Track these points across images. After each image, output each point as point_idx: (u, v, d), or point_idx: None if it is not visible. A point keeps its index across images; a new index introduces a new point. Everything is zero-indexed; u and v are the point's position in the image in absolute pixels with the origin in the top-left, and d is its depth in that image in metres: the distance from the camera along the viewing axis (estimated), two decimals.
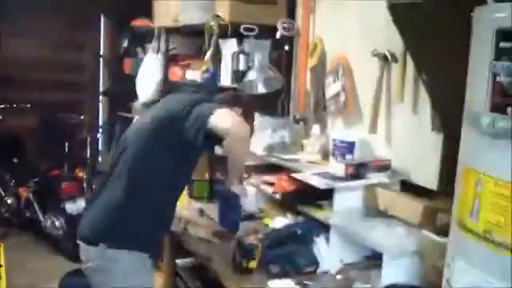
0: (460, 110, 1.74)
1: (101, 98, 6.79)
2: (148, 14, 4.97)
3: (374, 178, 2.62)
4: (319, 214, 2.71)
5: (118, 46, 6.22)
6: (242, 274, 2.39)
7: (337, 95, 3.08)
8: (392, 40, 2.67)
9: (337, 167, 2.64)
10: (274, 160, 3.07)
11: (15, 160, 5.80)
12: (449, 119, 2.43)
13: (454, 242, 1.77)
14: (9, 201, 5.55)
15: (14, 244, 4.90)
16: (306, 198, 2.81)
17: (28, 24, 6.22)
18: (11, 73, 6.14)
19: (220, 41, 3.61)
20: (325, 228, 2.62)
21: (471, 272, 1.65)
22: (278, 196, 2.97)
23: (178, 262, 2.76)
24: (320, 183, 2.55)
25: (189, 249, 2.81)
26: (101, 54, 6.76)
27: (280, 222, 2.85)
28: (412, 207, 2.39)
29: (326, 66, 3.27)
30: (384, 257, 2.23)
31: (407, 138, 2.71)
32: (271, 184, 3.05)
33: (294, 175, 2.75)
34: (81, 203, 5.02)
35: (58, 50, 6.56)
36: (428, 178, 2.55)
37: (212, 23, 3.56)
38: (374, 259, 2.41)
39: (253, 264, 2.34)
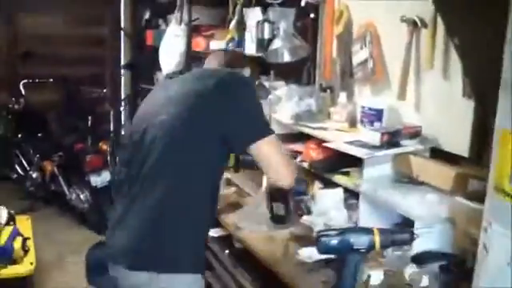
0: (493, 74, 1.70)
1: (123, 71, 6.79)
2: None
3: (406, 145, 2.58)
4: (348, 182, 2.68)
5: (140, 18, 6.21)
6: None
7: (364, 62, 3.03)
8: (421, 4, 2.61)
9: (371, 135, 2.58)
10: (301, 128, 3.04)
11: (39, 134, 5.85)
12: (481, 84, 2.38)
13: (491, 206, 1.73)
14: (34, 175, 5.61)
15: (40, 217, 4.94)
16: (334, 166, 2.78)
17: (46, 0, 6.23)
18: (33, 48, 6.16)
19: (244, 9, 3.57)
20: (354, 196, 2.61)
21: (508, 236, 1.62)
22: (305, 165, 2.94)
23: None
24: (360, 153, 2.51)
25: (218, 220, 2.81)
26: (122, 26, 6.74)
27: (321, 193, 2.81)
28: (444, 174, 2.36)
29: (352, 33, 3.21)
30: (415, 224, 2.21)
31: (437, 105, 2.66)
32: (299, 152, 3.03)
33: (328, 145, 2.71)
34: (105, 176, 5.06)
35: (78, 24, 6.59)
36: (459, 144, 2.50)
37: None
38: (404, 226, 2.39)
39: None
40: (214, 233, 2.78)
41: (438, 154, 2.60)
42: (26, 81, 6.03)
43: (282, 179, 2.09)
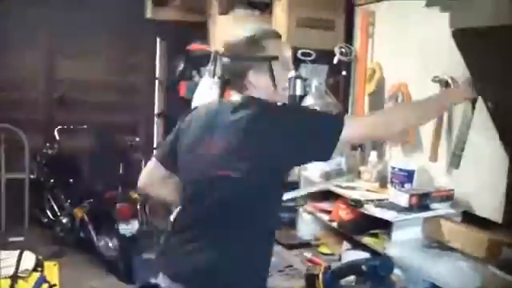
0: None
1: (156, 119, 6.87)
2: (204, 38, 5.01)
3: (436, 208, 2.54)
4: (376, 245, 2.63)
5: (174, 69, 6.30)
6: None
7: None
8: (454, 66, 2.60)
9: (399, 197, 2.55)
10: (330, 187, 3.02)
11: (71, 180, 5.90)
12: None
13: None
14: (64, 220, 5.65)
15: (68, 263, 4.96)
16: (363, 227, 2.74)
17: (84, 46, 6.37)
18: (68, 93, 6.27)
19: None
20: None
21: None
22: (334, 224, 2.91)
23: None
24: (388, 215, 2.48)
25: None
26: (156, 76, 6.85)
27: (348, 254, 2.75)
28: (476, 240, 2.30)
29: (384, 92, 3.21)
30: None
31: (470, 167, 2.61)
32: (328, 212, 3.00)
33: (359, 209, 2.70)
34: (134, 225, 5.07)
35: (114, 72, 6.72)
36: (492, 209, 2.44)
37: None
38: None
39: None
40: None
41: (470, 218, 2.54)
42: (60, 127, 6.12)
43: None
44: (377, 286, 2.11)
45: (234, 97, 2.10)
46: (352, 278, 2.32)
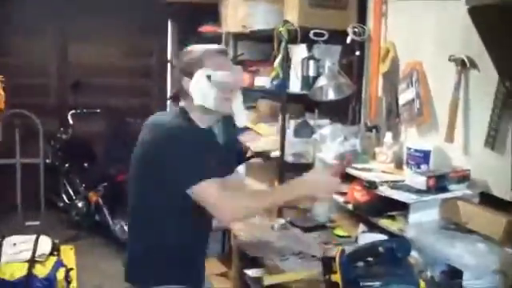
0: None
1: (168, 102, 6.86)
2: (215, 19, 4.97)
3: (454, 189, 2.51)
4: (393, 226, 2.62)
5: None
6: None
7: (411, 102, 2.98)
8: (470, 44, 2.56)
9: (417, 179, 2.53)
10: (346, 169, 2.99)
11: (85, 164, 5.93)
12: None
13: None
14: (79, 204, 5.69)
15: (84, 246, 5.00)
16: (380, 209, 2.72)
17: (96, 30, 6.37)
18: (82, 78, 6.28)
19: (289, 46, 3.55)
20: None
21: None
22: (350, 206, 2.89)
23: (248, 272, 2.70)
24: (405, 198, 2.46)
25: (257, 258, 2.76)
26: (168, 59, 6.83)
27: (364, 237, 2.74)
28: (494, 221, 2.28)
29: (398, 71, 3.17)
30: (465, 275, 2.13)
31: (487, 147, 2.57)
32: (343, 194, 2.98)
33: (374, 191, 2.68)
34: None
35: (126, 55, 6.70)
36: (510, 190, 2.41)
37: (281, 28, 3.51)
38: (450, 275, 2.30)
39: (336, 278, 2.24)
40: (252, 273, 2.72)
41: (488, 199, 2.51)
42: (73, 111, 6.14)
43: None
44: (394, 268, 2.09)
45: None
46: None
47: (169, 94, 6.87)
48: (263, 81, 3.90)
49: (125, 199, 5.00)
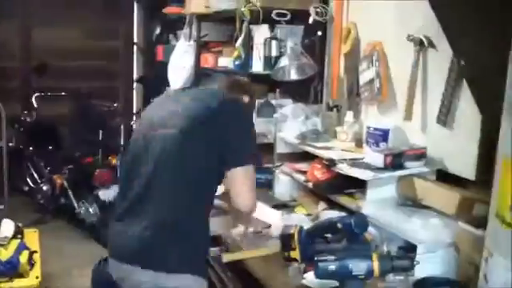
0: (500, 96, 1.67)
1: (135, 85, 6.81)
2: (180, 0, 4.94)
3: (410, 166, 2.55)
4: (352, 204, 2.65)
5: (151, 33, 6.24)
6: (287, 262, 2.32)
7: (371, 82, 3.00)
8: (429, 24, 2.59)
9: (375, 157, 2.56)
10: (306, 148, 3.02)
11: (50, 148, 5.87)
12: (489, 104, 2.34)
13: (492, 235, 1.70)
14: (44, 188, 5.64)
15: (49, 230, 4.96)
16: (339, 187, 2.75)
17: (61, 13, 6.28)
18: (46, 61, 6.19)
19: (251, 27, 3.56)
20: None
21: (509, 267, 1.58)
22: (310, 185, 2.92)
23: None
24: (363, 175, 2.49)
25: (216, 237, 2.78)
26: (134, 41, 6.77)
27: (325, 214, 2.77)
28: (448, 197, 2.32)
29: (359, 51, 3.19)
30: (418, 249, 2.17)
31: (443, 125, 2.62)
32: (304, 172, 3.01)
33: (333, 168, 2.71)
34: (114, 190, 5.06)
35: (91, 37, 6.63)
36: (465, 167, 2.46)
37: (243, 9, 3.51)
38: (407, 250, 2.35)
39: (294, 254, 2.27)
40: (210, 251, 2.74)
41: (444, 176, 2.56)
42: (38, 94, 6.06)
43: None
44: (352, 244, 2.12)
45: None
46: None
47: (135, 76, 6.83)
48: (226, 61, 3.89)
49: (90, 182, 5.04)
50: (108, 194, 5.03)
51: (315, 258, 1.91)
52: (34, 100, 6.04)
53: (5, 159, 5.63)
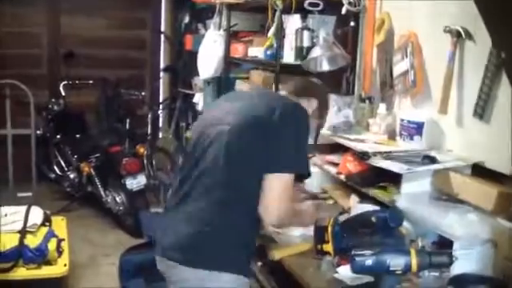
0: None
1: (162, 74, 6.81)
2: None
3: (446, 161, 2.50)
4: (385, 197, 2.61)
5: (180, 23, 6.22)
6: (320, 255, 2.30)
7: (405, 73, 2.95)
8: (465, 15, 2.53)
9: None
10: (338, 140, 2.98)
11: (77, 136, 5.90)
12: None
13: None
14: (71, 175, 5.66)
15: (76, 217, 5.00)
16: (372, 179, 2.72)
17: (89, 1, 6.29)
18: (74, 49, 6.22)
19: (283, 16, 3.52)
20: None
21: None
22: (342, 177, 2.88)
23: None
24: (398, 168, 2.45)
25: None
26: (162, 30, 6.77)
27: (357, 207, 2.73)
28: (485, 192, 2.28)
29: (393, 42, 3.14)
30: (455, 245, 2.13)
31: (480, 119, 2.56)
32: (335, 164, 2.98)
33: (367, 161, 2.67)
34: (141, 179, 5.07)
35: (120, 26, 6.63)
36: (501, 161, 2.40)
37: None
38: (441, 245, 2.31)
39: (327, 247, 2.24)
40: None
41: (480, 171, 2.51)
42: (66, 82, 6.08)
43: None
44: (386, 238, 2.09)
45: None
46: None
47: (162, 65, 6.83)
48: (256, 51, 3.86)
49: (116, 170, 5.05)
50: (135, 182, 5.04)
51: (352, 253, 1.88)
52: (61, 88, 6.06)
53: (33, 146, 5.68)
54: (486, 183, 2.35)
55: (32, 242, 3.18)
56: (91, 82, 6.23)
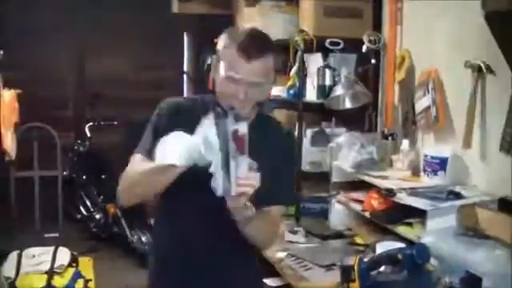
0: None
1: None
2: None
3: (471, 195, 2.49)
4: (410, 234, 2.60)
5: (202, 63, 6.31)
6: None
7: (427, 109, 2.96)
8: (486, 49, 2.55)
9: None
10: (362, 177, 2.99)
11: (103, 176, 5.96)
12: None
13: None
14: (97, 216, 5.72)
15: (102, 258, 5.02)
16: (397, 216, 2.71)
17: (112, 43, 6.43)
18: (98, 91, 6.33)
19: (305, 56, 3.56)
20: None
21: None
22: (367, 214, 2.88)
23: (267, 281, 2.70)
24: (423, 204, 2.45)
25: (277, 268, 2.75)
26: (185, 70, 6.87)
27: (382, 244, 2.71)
28: None
29: (414, 79, 3.16)
30: (484, 281, 2.11)
31: (507, 154, 2.56)
32: (360, 201, 2.98)
33: (392, 198, 2.67)
34: None
35: (142, 68, 6.75)
36: None
37: (297, 38, 3.52)
38: (469, 282, 2.28)
39: (354, 286, 2.23)
40: (271, 282, 2.72)
41: (506, 205, 2.49)
42: (91, 123, 6.18)
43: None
44: (413, 275, 2.08)
45: None
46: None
47: None
48: (279, 90, 3.90)
49: (142, 211, 5.08)
50: None
51: None
52: (87, 129, 6.16)
53: (59, 187, 5.76)
54: None
55: (59, 282, 3.22)
56: (115, 122, 6.31)
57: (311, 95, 3.57)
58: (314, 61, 3.57)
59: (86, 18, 6.32)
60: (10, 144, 4.75)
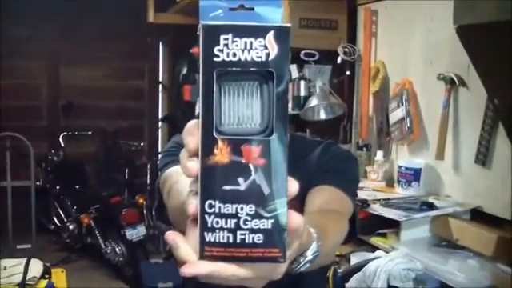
0: None
1: (160, 124, 6.86)
2: None
3: (444, 206, 2.52)
4: (385, 244, 2.62)
5: (177, 73, 6.30)
6: None
7: (401, 120, 3.00)
8: (459, 62, 2.59)
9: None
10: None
11: (77, 186, 5.90)
12: None
13: None
14: (70, 226, 5.64)
15: (76, 269, 4.96)
16: (371, 227, 2.72)
17: (87, 53, 6.38)
18: (72, 101, 6.27)
19: None
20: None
21: None
22: None
23: None
24: (397, 215, 2.47)
25: None
26: (160, 80, 6.85)
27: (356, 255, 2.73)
28: (485, 238, 2.29)
29: (389, 90, 3.20)
30: None
31: (478, 164, 2.59)
32: None
33: (366, 209, 2.68)
34: (141, 230, 5.05)
35: (117, 77, 6.71)
36: (501, 206, 2.42)
37: None
38: None
39: None
40: None
41: (479, 216, 2.52)
42: (65, 133, 6.12)
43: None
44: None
45: None
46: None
47: (160, 115, 6.88)
48: None
49: (116, 221, 5.04)
50: (134, 233, 5.02)
51: None
52: (61, 139, 6.10)
53: (32, 198, 5.68)
54: (486, 228, 2.36)
55: None
56: (90, 132, 6.26)
57: None
58: None
59: (59, 28, 6.27)
60: None
